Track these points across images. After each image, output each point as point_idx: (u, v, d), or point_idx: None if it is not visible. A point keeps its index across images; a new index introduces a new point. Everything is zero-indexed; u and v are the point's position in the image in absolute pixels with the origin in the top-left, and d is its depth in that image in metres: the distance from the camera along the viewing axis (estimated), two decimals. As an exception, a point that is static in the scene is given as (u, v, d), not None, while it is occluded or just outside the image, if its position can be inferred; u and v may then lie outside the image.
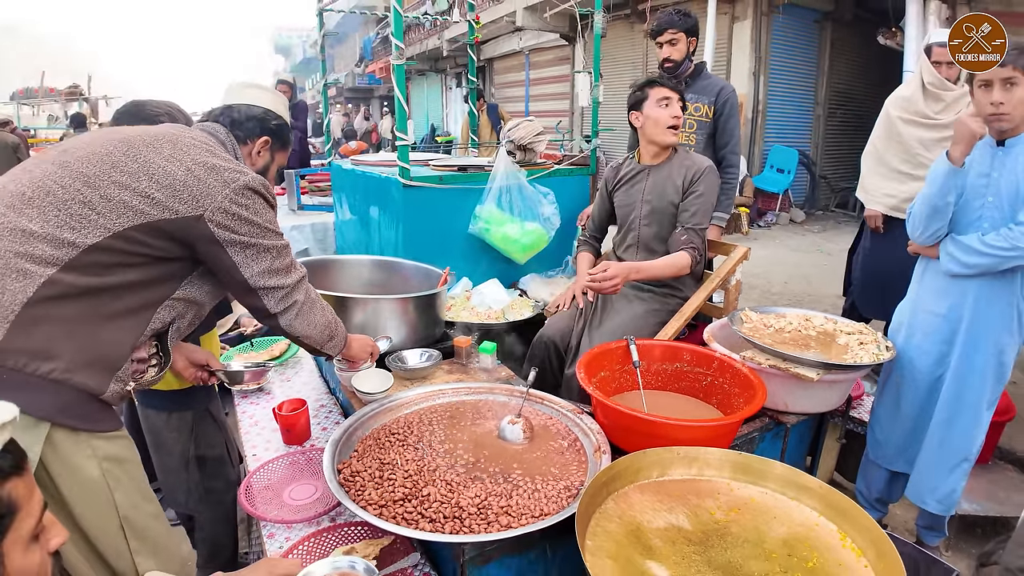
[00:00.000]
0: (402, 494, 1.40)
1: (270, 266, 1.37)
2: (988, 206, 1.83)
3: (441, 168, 3.04)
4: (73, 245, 1.13)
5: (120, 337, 1.21)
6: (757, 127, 8.62)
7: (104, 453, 1.18)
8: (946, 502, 1.99)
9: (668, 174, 2.37)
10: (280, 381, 2.51)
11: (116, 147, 1.22)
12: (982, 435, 1.94)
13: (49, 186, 1.16)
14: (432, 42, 15.11)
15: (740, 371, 1.84)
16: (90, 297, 1.16)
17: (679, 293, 2.37)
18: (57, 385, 1.11)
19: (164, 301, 1.29)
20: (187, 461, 1.88)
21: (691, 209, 2.30)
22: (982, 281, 1.86)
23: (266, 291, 1.38)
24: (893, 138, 2.95)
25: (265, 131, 1.53)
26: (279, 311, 1.43)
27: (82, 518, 1.15)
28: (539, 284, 2.96)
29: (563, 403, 1.83)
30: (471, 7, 4.01)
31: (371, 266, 2.69)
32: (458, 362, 2.20)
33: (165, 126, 1.39)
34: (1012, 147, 1.80)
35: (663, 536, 1.30)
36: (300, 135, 6.77)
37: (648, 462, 1.47)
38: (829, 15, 8.88)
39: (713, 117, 2.85)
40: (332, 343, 1.62)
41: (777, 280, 5.91)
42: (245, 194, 1.30)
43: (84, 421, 1.15)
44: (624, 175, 2.51)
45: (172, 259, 1.27)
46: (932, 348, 1.99)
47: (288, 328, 1.48)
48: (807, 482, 1.42)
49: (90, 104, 15.21)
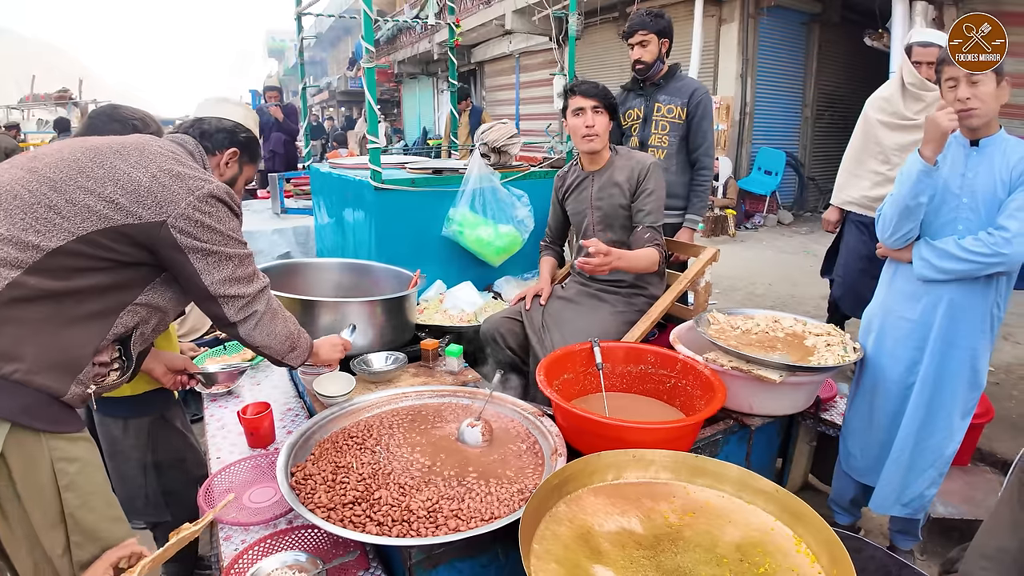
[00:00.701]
0: (352, 497, 1.39)
1: (231, 274, 1.37)
2: (963, 207, 1.77)
3: (416, 171, 3.03)
4: (38, 248, 1.15)
5: (82, 340, 1.22)
6: (744, 129, 8.63)
7: (61, 454, 1.19)
8: (913, 506, 1.95)
9: (611, 177, 2.35)
10: (250, 385, 2.50)
11: (84, 153, 1.25)
12: (955, 445, 1.88)
13: (16, 190, 1.18)
14: (423, 45, 15.11)
15: (702, 373, 1.83)
16: (54, 300, 1.17)
17: (644, 291, 2.36)
18: (19, 386, 1.12)
19: (127, 306, 1.29)
20: (145, 467, 1.87)
21: (646, 208, 2.28)
22: (957, 286, 1.79)
23: (226, 299, 1.39)
24: (871, 140, 2.94)
25: (234, 143, 1.57)
26: (238, 320, 1.43)
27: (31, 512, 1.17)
28: (514, 287, 2.95)
29: (526, 405, 1.82)
30: (451, 10, 4.00)
31: (341, 269, 2.68)
32: (424, 365, 2.19)
33: (134, 136, 1.40)
34: (986, 147, 1.75)
35: (613, 540, 1.29)
36: (287, 138, 6.76)
37: (603, 465, 1.46)
38: (816, 17, 8.91)
39: (686, 119, 2.84)
40: (293, 354, 1.61)
41: (762, 282, 5.91)
42: (209, 202, 1.31)
43: (44, 422, 1.16)
44: (570, 183, 2.50)
45: (135, 264, 1.28)
46: (903, 354, 1.92)
47: (247, 338, 1.47)
48: (763, 485, 1.41)
49: (80, 108, 15.13)
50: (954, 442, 1.88)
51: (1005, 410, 3.18)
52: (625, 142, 2.99)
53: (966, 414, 1.87)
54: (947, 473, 2.38)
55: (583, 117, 2.27)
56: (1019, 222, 1.65)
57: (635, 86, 2.95)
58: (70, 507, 1.21)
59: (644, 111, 2.89)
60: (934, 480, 1.91)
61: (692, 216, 2.89)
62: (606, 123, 2.29)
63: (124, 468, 1.88)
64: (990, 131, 1.75)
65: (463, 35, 13.41)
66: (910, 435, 1.90)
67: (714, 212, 8.13)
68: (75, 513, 1.22)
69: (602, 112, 2.27)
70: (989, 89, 1.69)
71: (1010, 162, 1.70)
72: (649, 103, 2.87)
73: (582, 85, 2.29)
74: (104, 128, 1.69)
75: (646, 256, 2.22)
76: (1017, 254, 1.66)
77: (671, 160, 2.89)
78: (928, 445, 1.88)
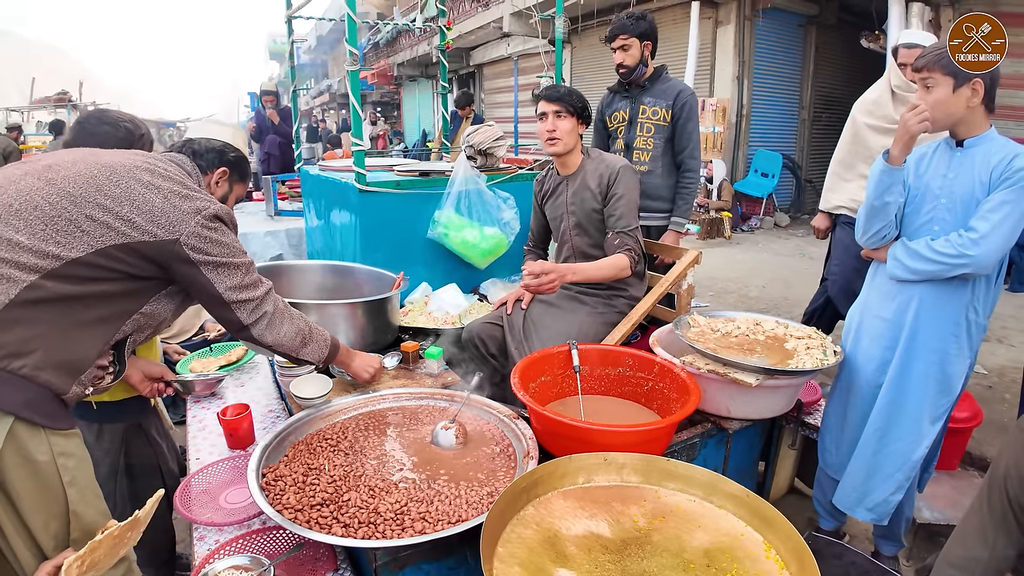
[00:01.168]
0: (321, 499, 1.39)
1: (240, 281, 1.49)
2: (940, 208, 1.76)
3: (402, 173, 3.03)
4: (57, 257, 1.23)
5: (89, 343, 1.30)
6: (741, 131, 8.63)
7: (60, 449, 1.25)
8: (878, 511, 1.91)
9: (583, 181, 2.35)
10: (234, 386, 2.50)
11: (100, 171, 1.34)
12: (922, 450, 1.85)
13: (36, 201, 1.25)
14: (422, 48, 15.14)
15: (678, 376, 1.83)
16: (66, 304, 1.25)
17: (624, 293, 2.35)
18: (25, 381, 1.19)
19: (132, 315, 1.38)
20: (116, 472, 1.90)
21: (616, 213, 2.27)
22: (928, 287, 1.78)
23: (238, 304, 1.50)
24: (860, 144, 2.93)
25: (224, 163, 1.67)
26: (251, 322, 1.54)
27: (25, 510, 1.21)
28: (500, 289, 2.95)
29: (502, 408, 1.81)
30: (442, 13, 4.01)
31: (324, 271, 2.68)
32: (405, 367, 2.19)
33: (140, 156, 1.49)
34: (970, 147, 1.72)
35: (580, 543, 1.29)
36: (283, 141, 6.77)
37: (573, 467, 1.46)
38: (813, 19, 8.91)
39: (671, 120, 2.84)
40: (307, 349, 1.68)
41: (756, 284, 5.91)
42: (214, 220, 1.43)
43: (45, 417, 1.22)
44: (547, 188, 2.51)
45: (145, 277, 1.38)
46: (876, 354, 1.91)
47: (260, 338, 1.57)
48: (733, 490, 1.40)
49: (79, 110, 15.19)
50: (921, 447, 1.84)
51: (997, 413, 3.17)
52: (611, 145, 2.99)
53: (936, 419, 1.84)
54: (935, 477, 2.39)
55: (545, 121, 2.29)
56: (989, 224, 1.62)
57: (621, 88, 2.95)
58: (74, 504, 1.27)
59: (629, 113, 2.89)
60: (900, 485, 1.87)
61: (677, 219, 2.88)
62: (569, 127, 2.29)
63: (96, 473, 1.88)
64: (973, 132, 1.72)
65: (462, 37, 13.45)
66: (873, 436, 1.89)
67: (710, 215, 8.13)
68: (78, 510, 1.28)
69: (565, 116, 2.27)
70: (940, 95, 1.67)
71: (991, 163, 1.67)
72: (634, 105, 2.88)
73: (545, 90, 2.30)
74: (95, 130, 1.77)
75: (611, 264, 2.22)
76: (983, 256, 1.63)
77: (656, 162, 2.88)
78: (893, 449, 1.86)
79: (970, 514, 1.46)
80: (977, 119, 1.71)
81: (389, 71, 18.01)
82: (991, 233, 1.62)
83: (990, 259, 1.64)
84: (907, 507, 2.00)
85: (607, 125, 3.01)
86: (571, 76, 11.75)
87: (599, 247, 2.36)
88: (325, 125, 16.97)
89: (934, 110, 1.68)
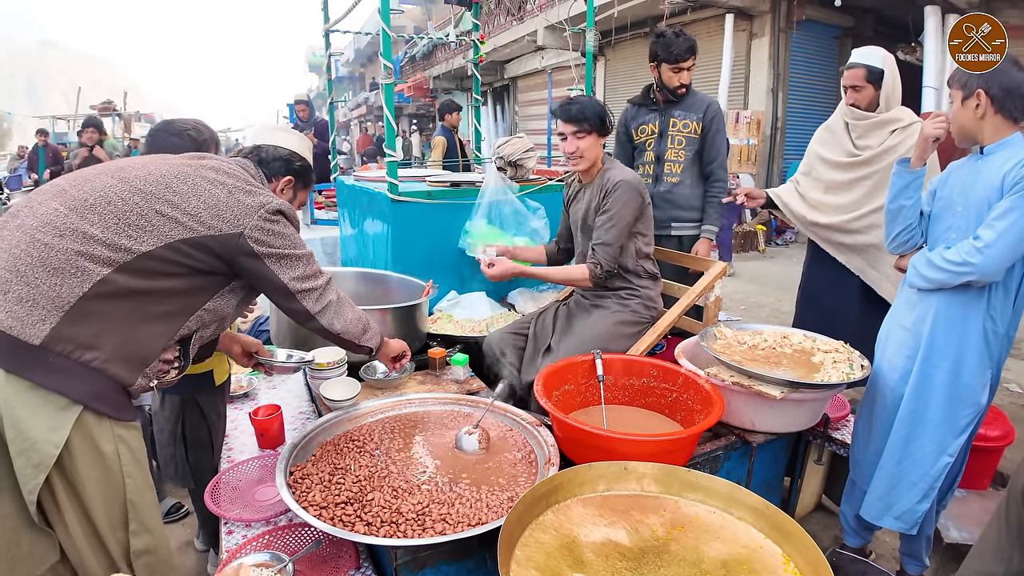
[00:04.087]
0: (346, 497, 1.44)
1: (303, 272, 1.54)
2: (957, 215, 1.76)
3: (434, 184, 3.09)
4: (129, 251, 1.30)
5: (155, 337, 1.36)
6: (776, 144, 8.53)
7: (123, 439, 1.32)
8: (906, 519, 1.88)
9: (593, 192, 2.40)
10: (266, 388, 2.58)
11: (169, 170, 1.41)
12: (946, 459, 1.82)
13: (110, 197, 1.32)
14: (458, 61, 15.36)
15: (702, 387, 1.83)
16: (136, 298, 1.32)
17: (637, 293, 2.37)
18: (95, 373, 1.26)
19: (196, 310, 1.44)
20: (175, 438, 2.02)
21: (598, 225, 2.32)
22: (944, 296, 1.78)
23: (304, 293, 1.56)
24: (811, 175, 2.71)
25: (290, 171, 1.71)
26: (318, 311, 1.59)
27: (90, 499, 1.28)
28: (527, 298, 2.98)
29: (525, 415, 1.84)
30: (476, 27, 4.09)
31: (357, 279, 2.75)
32: (431, 373, 2.23)
33: (208, 158, 1.57)
34: (989, 154, 1.72)
35: (598, 550, 1.30)
36: (317, 152, 6.96)
37: (593, 475, 1.47)
38: (849, 31, 8.79)
39: (701, 133, 2.86)
40: (367, 336, 1.74)
41: (789, 298, 5.78)
42: (276, 214, 1.49)
43: (112, 408, 1.29)
44: (572, 193, 2.57)
45: (210, 272, 1.44)
46: (899, 363, 1.90)
47: (329, 326, 1.63)
48: (753, 502, 1.40)
49: (123, 120, 15.79)
50: (946, 455, 1.81)
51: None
52: (639, 156, 3.01)
53: (959, 431, 1.80)
54: (964, 497, 2.33)
55: (566, 142, 2.32)
56: (994, 232, 1.60)
57: (647, 101, 2.97)
58: (131, 493, 1.34)
59: (659, 126, 2.92)
60: (926, 493, 1.85)
61: (709, 227, 2.91)
62: (590, 143, 2.30)
63: (160, 436, 2.06)
64: (990, 139, 1.72)
65: (496, 50, 13.61)
66: (897, 445, 1.87)
67: (743, 227, 8.04)
68: (134, 499, 1.35)
69: (584, 136, 2.29)
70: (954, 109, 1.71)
71: (1004, 168, 1.66)
72: (664, 118, 2.90)
73: (562, 110, 2.31)
74: (165, 142, 1.87)
75: (565, 272, 2.42)
76: (986, 264, 1.62)
77: (686, 174, 2.93)
78: (916, 458, 1.84)
79: (988, 530, 1.44)
80: (995, 127, 1.71)
81: (425, 84, 18.30)
82: (996, 240, 1.60)
83: (995, 266, 1.63)
84: (927, 525, 1.96)
85: (632, 138, 3.02)
86: (604, 89, 11.79)
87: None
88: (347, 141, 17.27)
89: (952, 124, 1.72)
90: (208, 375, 1.98)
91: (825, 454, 2.27)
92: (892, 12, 8.06)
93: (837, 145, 2.59)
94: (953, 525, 2.20)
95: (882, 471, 1.90)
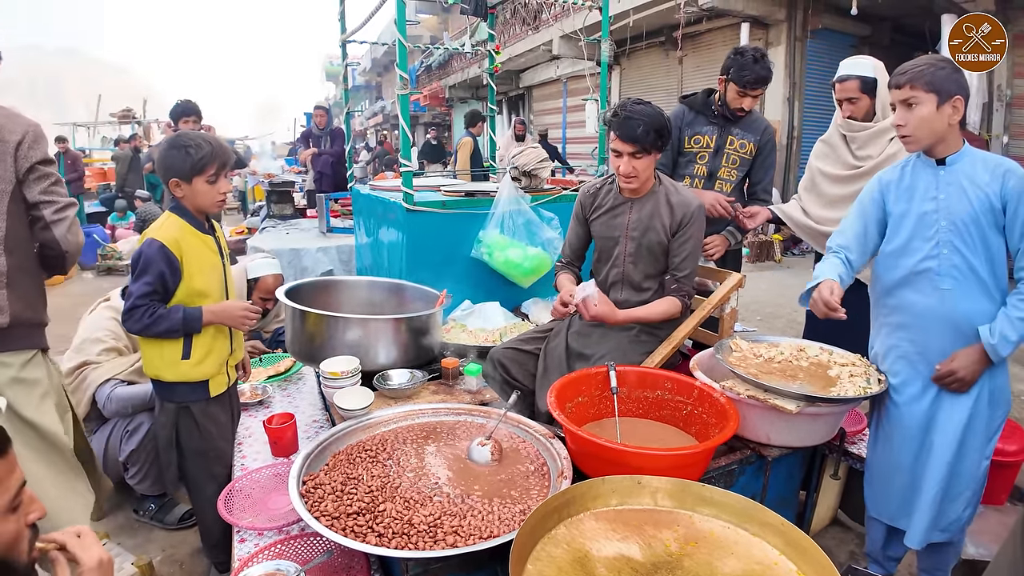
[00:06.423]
0: (358, 508, 1.44)
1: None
2: (942, 230, 1.71)
3: (449, 193, 3.11)
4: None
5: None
6: (792, 153, 8.48)
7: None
8: (952, 528, 1.85)
9: (655, 210, 2.20)
10: (281, 396, 2.60)
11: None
12: (986, 463, 1.81)
13: None
14: (473, 70, 15.46)
15: (717, 401, 1.81)
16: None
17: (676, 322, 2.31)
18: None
19: None
20: (171, 445, 2.03)
21: (681, 255, 2.19)
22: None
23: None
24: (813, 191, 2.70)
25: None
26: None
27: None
28: (541, 308, 2.98)
29: (538, 427, 1.83)
30: (491, 37, 4.12)
31: (371, 288, 2.76)
32: (444, 383, 2.24)
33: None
34: (953, 164, 1.70)
35: (610, 565, 1.29)
36: (333, 160, 7.01)
37: (606, 489, 1.46)
38: (865, 39, 8.72)
39: (755, 155, 2.81)
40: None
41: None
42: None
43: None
44: (603, 204, 2.31)
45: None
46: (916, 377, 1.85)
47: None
48: (768, 518, 1.38)
49: (143, 127, 16.05)
50: (985, 460, 1.81)
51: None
52: (686, 166, 2.86)
53: (995, 433, 1.80)
54: (981, 512, 2.28)
55: (620, 160, 2.12)
56: None
57: (705, 110, 2.82)
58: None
59: (716, 142, 2.80)
60: (969, 500, 1.83)
61: (733, 228, 2.82)
62: (646, 164, 2.12)
63: (159, 441, 2.09)
64: (952, 149, 1.71)
65: (512, 60, 13.67)
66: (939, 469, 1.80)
67: (759, 237, 7.98)
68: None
69: (643, 157, 2.10)
70: (924, 113, 1.65)
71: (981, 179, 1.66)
72: (723, 134, 2.79)
73: (622, 126, 2.06)
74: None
75: (663, 311, 2.19)
76: None
77: (735, 193, 2.84)
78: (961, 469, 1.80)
79: (1004, 547, 1.41)
80: (956, 136, 1.70)
81: (441, 93, 18.43)
82: None
83: None
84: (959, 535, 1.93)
85: (683, 144, 2.86)
86: (619, 98, 11.79)
87: (650, 277, 2.26)
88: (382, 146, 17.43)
89: (918, 128, 1.67)
90: (203, 384, 1.97)
91: (841, 468, 2.25)
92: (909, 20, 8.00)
93: (837, 159, 2.57)
94: (971, 541, 2.16)
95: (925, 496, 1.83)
